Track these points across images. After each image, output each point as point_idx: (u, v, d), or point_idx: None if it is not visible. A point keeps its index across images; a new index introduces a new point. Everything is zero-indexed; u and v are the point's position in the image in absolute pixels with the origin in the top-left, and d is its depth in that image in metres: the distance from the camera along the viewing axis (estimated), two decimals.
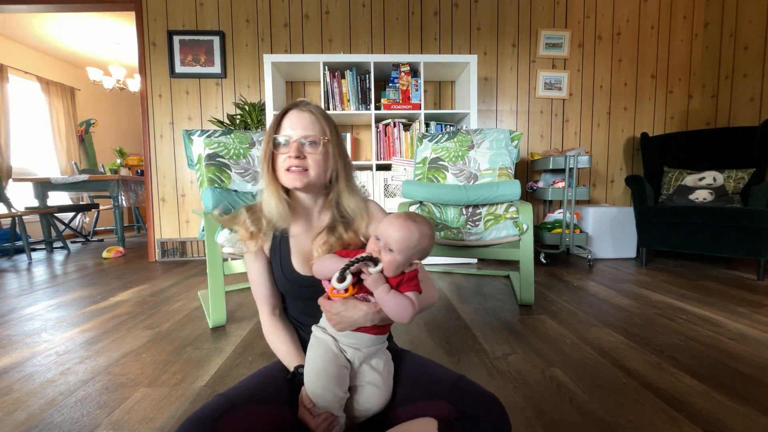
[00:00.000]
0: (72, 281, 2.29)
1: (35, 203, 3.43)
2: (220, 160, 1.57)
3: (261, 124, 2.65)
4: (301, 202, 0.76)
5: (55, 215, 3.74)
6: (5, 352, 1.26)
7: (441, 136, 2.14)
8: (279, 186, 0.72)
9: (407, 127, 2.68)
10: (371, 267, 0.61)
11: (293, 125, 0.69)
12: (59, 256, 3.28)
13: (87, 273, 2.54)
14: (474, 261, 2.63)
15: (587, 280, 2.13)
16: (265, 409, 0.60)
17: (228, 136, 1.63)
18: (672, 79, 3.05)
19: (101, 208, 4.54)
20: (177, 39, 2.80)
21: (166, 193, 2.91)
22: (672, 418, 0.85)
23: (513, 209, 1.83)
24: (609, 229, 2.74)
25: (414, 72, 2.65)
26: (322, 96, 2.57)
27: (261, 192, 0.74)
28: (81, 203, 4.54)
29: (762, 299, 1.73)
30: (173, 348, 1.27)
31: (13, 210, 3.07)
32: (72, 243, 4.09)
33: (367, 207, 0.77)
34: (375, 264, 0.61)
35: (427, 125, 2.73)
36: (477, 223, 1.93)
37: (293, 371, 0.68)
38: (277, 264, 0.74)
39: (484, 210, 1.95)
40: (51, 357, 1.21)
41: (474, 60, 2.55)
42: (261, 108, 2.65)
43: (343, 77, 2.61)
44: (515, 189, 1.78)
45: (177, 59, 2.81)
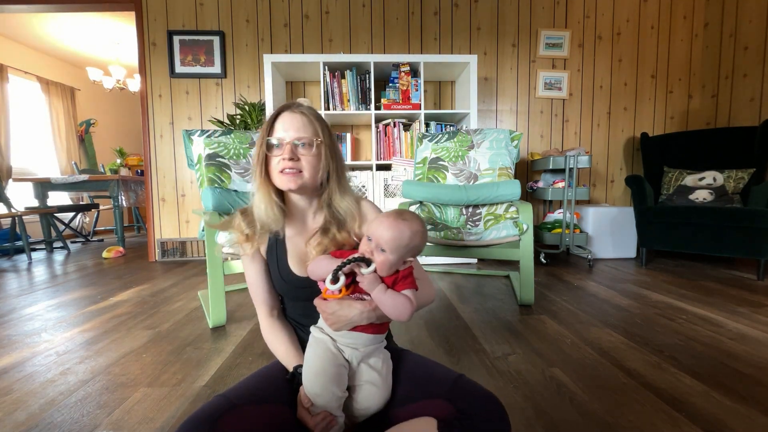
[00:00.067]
0: (72, 281, 2.29)
1: (35, 203, 3.43)
2: (220, 160, 1.57)
3: (261, 124, 2.65)
4: (296, 204, 0.75)
5: (55, 215, 3.74)
6: (5, 352, 1.26)
7: (441, 136, 2.14)
8: (270, 188, 0.72)
9: (407, 127, 2.68)
10: (363, 268, 0.61)
11: (286, 127, 0.69)
12: (59, 256, 3.28)
13: (87, 273, 2.54)
14: (474, 261, 2.63)
15: (587, 280, 2.13)
16: (265, 409, 0.60)
17: (228, 136, 1.63)
18: (672, 79, 3.05)
19: (101, 208, 4.54)
20: (177, 39, 2.80)
21: (166, 193, 2.91)
22: (672, 418, 0.84)
23: (513, 209, 1.83)
24: (609, 229, 2.74)
25: (414, 72, 2.65)
26: (322, 96, 2.57)
27: (252, 195, 0.74)
28: (81, 203, 4.54)
29: (762, 299, 1.73)
30: (173, 348, 1.27)
31: (13, 210, 3.07)
32: (72, 243, 4.09)
33: (360, 206, 0.77)
34: (367, 264, 0.61)
35: (427, 125, 2.73)
36: (477, 223, 1.93)
37: (292, 371, 0.68)
38: (274, 266, 0.74)
39: (484, 210, 1.95)
40: (51, 357, 1.21)
41: (474, 60, 2.55)
42: (261, 108, 2.64)
43: (343, 77, 2.61)
44: (515, 189, 1.78)
45: (177, 59, 2.82)
